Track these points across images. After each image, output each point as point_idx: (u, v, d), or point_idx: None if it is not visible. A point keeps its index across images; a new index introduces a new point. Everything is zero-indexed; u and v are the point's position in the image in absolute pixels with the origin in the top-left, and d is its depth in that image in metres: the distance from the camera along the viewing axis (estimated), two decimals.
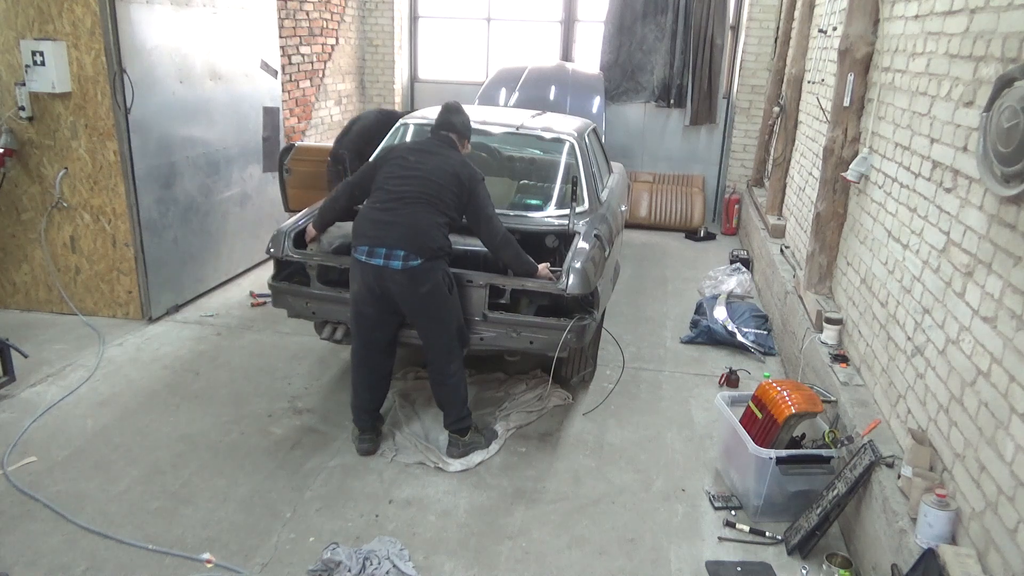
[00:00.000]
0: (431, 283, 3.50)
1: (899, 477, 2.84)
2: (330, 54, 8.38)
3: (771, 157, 7.27)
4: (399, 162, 3.67)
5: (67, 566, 2.90)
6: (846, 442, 3.26)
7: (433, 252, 3.49)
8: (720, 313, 5.50)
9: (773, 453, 3.26)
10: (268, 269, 4.27)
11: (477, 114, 5.18)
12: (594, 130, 5.43)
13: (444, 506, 3.40)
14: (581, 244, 3.95)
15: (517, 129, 4.86)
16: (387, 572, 2.90)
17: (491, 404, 4.30)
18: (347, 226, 3.90)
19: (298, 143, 6.07)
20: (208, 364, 4.66)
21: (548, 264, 3.82)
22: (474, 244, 3.96)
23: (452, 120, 3.81)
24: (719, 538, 3.26)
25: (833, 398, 3.63)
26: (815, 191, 4.78)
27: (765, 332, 5.37)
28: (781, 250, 5.92)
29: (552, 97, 7.12)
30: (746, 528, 3.30)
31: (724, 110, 8.84)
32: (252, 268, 6.40)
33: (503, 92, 7.22)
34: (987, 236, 2.55)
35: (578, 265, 3.75)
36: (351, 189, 3.86)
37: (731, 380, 4.72)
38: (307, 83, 7.87)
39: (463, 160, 3.73)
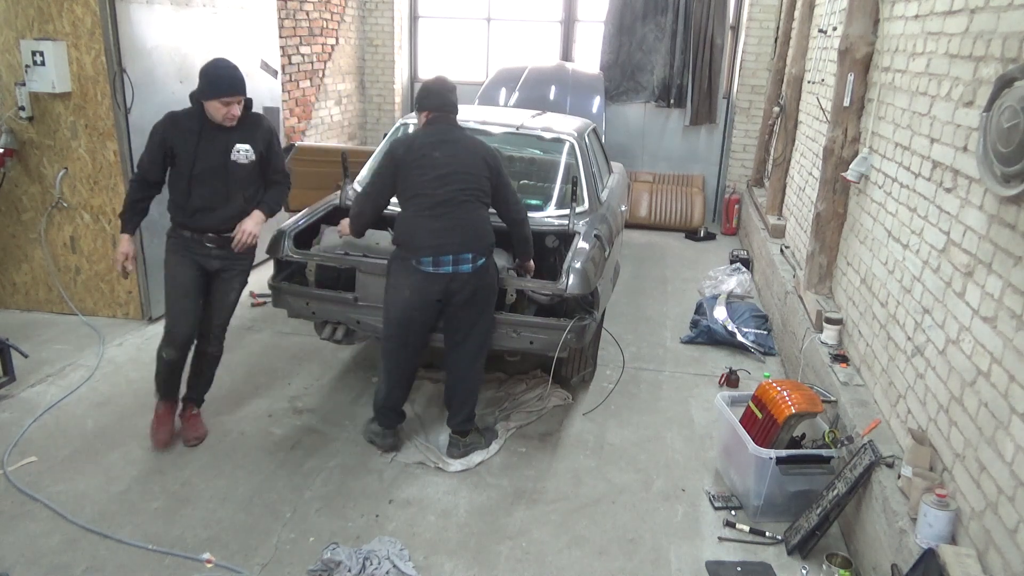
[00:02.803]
0: (492, 276, 3.64)
1: (899, 477, 2.84)
2: (330, 54, 8.38)
3: (771, 157, 7.27)
4: (427, 162, 3.50)
5: (67, 566, 2.90)
6: (846, 442, 3.26)
7: (491, 248, 3.61)
8: (720, 313, 5.50)
9: (773, 453, 3.26)
10: (268, 269, 4.26)
11: (477, 114, 5.19)
12: (594, 130, 5.43)
13: (444, 506, 3.40)
14: (581, 244, 3.95)
15: (517, 129, 4.86)
16: (387, 572, 2.90)
17: (491, 404, 4.30)
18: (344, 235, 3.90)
19: (298, 143, 6.08)
20: None
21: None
22: None
23: (454, 100, 3.68)
24: (719, 538, 3.26)
25: (833, 398, 3.63)
26: (815, 191, 4.78)
27: (765, 332, 5.36)
28: (781, 250, 5.92)
29: (552, 97, 7.11)
30: (746, 528, 3.30)
31: (724, 110, 8.84)
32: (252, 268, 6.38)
33: (503, 92, 7.22)
34: (987, 236, 2.55)
35: (578, 265, 3.75)
36: (375, 200, 3.65)
37: (731, 380, 4.72)
38: (307, 83, 7.86)
39: (482, 142, 3.71)
